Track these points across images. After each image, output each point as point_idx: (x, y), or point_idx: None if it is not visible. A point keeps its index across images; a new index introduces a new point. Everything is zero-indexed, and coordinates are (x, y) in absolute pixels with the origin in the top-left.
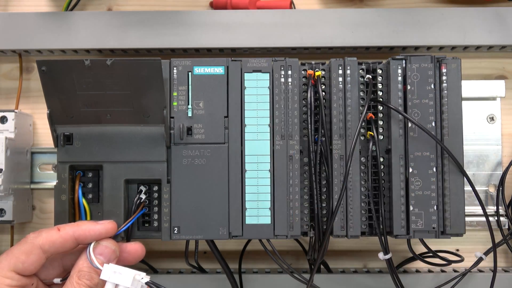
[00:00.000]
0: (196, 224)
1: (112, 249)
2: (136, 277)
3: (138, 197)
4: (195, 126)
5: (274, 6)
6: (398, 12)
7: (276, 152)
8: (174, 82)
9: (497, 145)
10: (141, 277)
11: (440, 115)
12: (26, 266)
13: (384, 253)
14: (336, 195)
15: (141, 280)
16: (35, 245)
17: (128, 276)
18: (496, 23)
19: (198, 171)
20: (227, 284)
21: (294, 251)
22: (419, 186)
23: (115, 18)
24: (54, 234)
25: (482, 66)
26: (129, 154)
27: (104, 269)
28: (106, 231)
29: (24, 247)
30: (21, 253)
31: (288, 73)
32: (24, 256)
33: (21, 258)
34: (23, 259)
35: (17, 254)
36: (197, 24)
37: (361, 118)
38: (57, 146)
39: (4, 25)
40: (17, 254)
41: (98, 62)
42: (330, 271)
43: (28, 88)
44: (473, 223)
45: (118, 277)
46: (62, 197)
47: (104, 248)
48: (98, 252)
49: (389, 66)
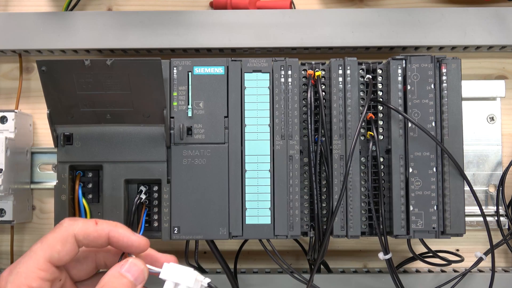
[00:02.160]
0: (196, 224)
1: (141, 268)
2: (198, 278)
3: (138, 197)
4: (195, 126)
5: (274, 6)
6: (398, 12)
7: (276, 152)
8: (174, 82)
9: (497, 145)
10: (202, 278)
11: (440, 115)
12: (61, 256)
13: (384, 253)
14: (336, 195)
15: (202, 281)
16: (70, 233)
17: (190, 276)
18: (496, 23)
19: (198, 171)
20: (227, 284)
21: (294, 251)
22: (419, 186)
23: (115, 18)
24: (90, 226)
25: (482, 66)
26: (129, 154)
27: (164, 268)
28: (139, 244)
29: (59, 234)
30: (56, 242)
31: (288, 73)
32: (60, 245)
33: (57, 248)
34: (59, 249)
35: (53, 243)
36: (197, 24)
37: (361, 118)
38: (57, 146)
39: (4, 25)
40: (53, 243)
41: (98, 62)
42: (330, 271)
43: (28, 88)
44: (473, 223)
45: (179, 276)
46: (62, 197)
47: (133, 265)
48: (127, 269)
49: (389, 66)
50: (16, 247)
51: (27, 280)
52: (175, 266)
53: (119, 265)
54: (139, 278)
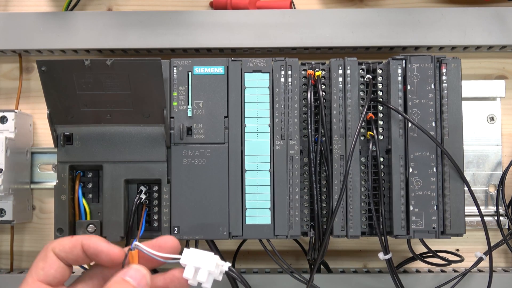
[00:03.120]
0: (196, 224)
1: (143, 274)
2: (218, 262)
3: (138, 197)
4: (195, 126)
5: (274, 6)
6: (398, 12)
7: (276, 152)
8: (174, 82)
9: (497, 145)
10: (223, 263)
11: (440, 115)
12: (46, 272)
13: (384, 253)
14: (336, 195)
15: (223, 265)
16: (48, 249)
17: (211, 260)
18: (496, 23)
19: (198, 171)
20: (227, 284)
21: (294, 251)
22: (419, 186)
23: (115, 18)
24: (65, 239)
25: (482, 66)
26: (129, 154)
27: (184, 253)
28: (108, 251)
29: (40, 254)
30: (38, 261)
31: (288, 73)
32: (42, 262)
33: (40, 265)
34: (41, 265)
35: (36, 263)
36: (197, 24)
37: (361, 118)
38: (57, 146)
39: (4, 25)
40: (36, 263)
41: (98, 62)
42: (330, 271)
43: (28, 88)
44: (473, 223)
45: (200, 261)
46: (62, 197)
47: (135, 271)
48: (129, 275)
49: (389, 66)
50: (16, 247)
51: None
52: (194, 251)
53: (122, 271)
54: (141, 283)
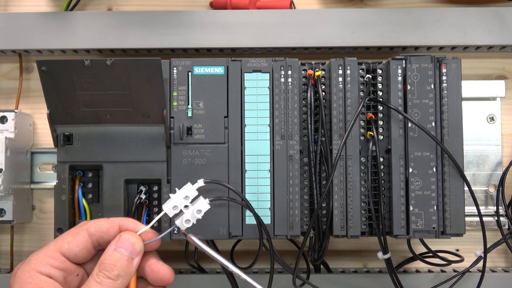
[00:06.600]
0: (196, 224)
1: (132, 242)
2: (194, 186)
3: (138, 197)
4: (195, 126)
5: (274, 6)
6: (398, 12)
7: (276, 152)
8: (174, 82)
9: (497, 145)
10: (196, 184)
11: (440, 115)
12: (71, 247)
13: (383, 252)
14: (336, 195)
15: (198, 183)
16: (82, 227)
17: (190, 189)
18: (496, 23)
19: (198, 171)
20: (227, 284)
21: (294, 251)
22: (419, 186)
23: (115, 18)
24: (101, 220)
25: (482, 66)
26: (129, 154)
27: (171, 198)
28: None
29: (73, 230)
30: (68, 234)
31: (288, 73)
32: (70, 237)
33: (67, 238)
34: (69, 239)
35: (65, 235)
36: (197, 24)
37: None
38: (57, 146)
39: (4, 25)
40: (65, 235)
41: (98, 62)
42: (330, 271)
43: (28, 88)
44: (473, 223)
45: (182, 192)
46: (62, 197)
47: (125, 240)
48: (119, 245)
49: (389, 66)
50: (16, 247)
51: (36, 265)
52: (177, 192)
53: (113, 242)
54: (133, 250)
